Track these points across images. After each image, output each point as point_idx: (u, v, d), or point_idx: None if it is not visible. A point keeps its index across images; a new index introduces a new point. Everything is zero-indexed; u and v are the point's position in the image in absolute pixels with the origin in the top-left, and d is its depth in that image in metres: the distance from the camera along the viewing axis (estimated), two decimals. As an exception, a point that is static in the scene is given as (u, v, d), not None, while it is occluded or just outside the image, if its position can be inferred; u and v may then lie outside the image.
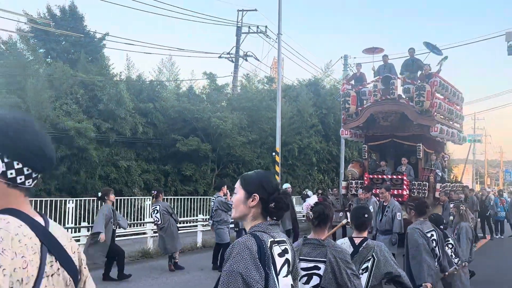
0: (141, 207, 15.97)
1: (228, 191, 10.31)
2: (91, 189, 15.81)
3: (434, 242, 4.99)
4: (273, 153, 17.39)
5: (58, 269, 1.38)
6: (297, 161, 24.11)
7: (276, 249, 2.07)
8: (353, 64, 20.91)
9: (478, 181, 57.57)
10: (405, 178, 13.40)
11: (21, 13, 18.47)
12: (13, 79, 15.50)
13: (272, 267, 2.01)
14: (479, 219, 16.90)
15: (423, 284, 4.51)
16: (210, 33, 77.13)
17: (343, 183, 15.12)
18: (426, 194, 13.28)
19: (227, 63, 28.21)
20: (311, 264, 2.98)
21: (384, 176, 13.67)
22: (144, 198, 15.60)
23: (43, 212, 6.42)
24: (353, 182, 14.26)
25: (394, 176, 13.62)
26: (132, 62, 25.59)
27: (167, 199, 16.98)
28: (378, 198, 10.67)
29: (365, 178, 13.84)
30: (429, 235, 4.95)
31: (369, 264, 3.52)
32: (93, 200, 14.38)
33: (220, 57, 24.12)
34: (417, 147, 13.93)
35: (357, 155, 24.52)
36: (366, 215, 3.75)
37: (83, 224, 11.13)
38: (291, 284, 2.14)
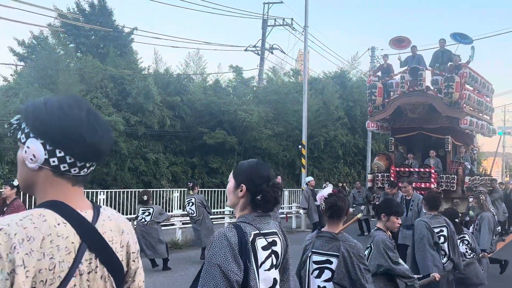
0: (169, 198, 16.26)
1: None
2: (121, 181, 16.19)
3: (442, 238, 4.99)
4: (299, 146, 17.41)
5: (97, 266, 1.35)
6: (323, 154, 24.05)
7: (261, 242, 2.04)
8: (380, 56, 20.67)
9: (508, 174, 56.28)
10: (433, 171, 13.19)
11: (51, 8, 18.93)
12: (45, 73, 15.92)
13: (253, 259, 1.98)
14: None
15: (430, 275, 4.51)
16: (236, 26, 77.03)
17: (369, 176, 15.05)
18: (455, 187, 13.06)
19: (253, 56, 28.27)
20: (323, 258, 2.94)
21: (411, 169, 13.50)
22: (172, 190, 15.85)
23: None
24: (379, 175, 14.13)
25: (422, 169, 13.42)
26: (159, 56, 25.85)
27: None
28: None
29: (392, 171, 13.67)
30: (437, 230, 4.96)
31: (366, 252, 3.69)
32: (123, 192, 14.74)
33: (246, 50, 24.20)
34: (446, 139, 13.69)
35: (384, 148, 24.29)
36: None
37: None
38: (275, 278, 2.09)
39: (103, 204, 7.95)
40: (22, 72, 18.59)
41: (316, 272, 2.95)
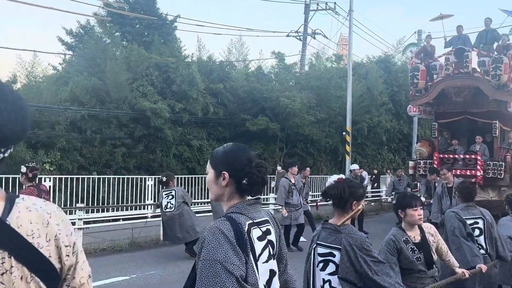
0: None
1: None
2: (166, 167, 16.52)
3: (478, 230, 4.65)
4: (343, 133, 17.18)
5: (12, 266, 1.18)
6: (367, 140, 23.68)
7: (256, 232, 1.89)
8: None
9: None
10: (479, 158, 12.62)
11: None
12: (93, 62, 16.36)
13: (250, 253, 1.84)
14: None
15: (477, 266, 4.26)
16: (278, 12, 76.37)
17: (411, 163, 14.48)
18: (502, 175, 12.49)
19: (295, 42, 27.91)
20: (327, 250, 2.82)
21: (456, 156, 13.00)
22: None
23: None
24: (421, 162, 13.61)
25: (467, 156, 12.89)
26: (202, 43, 26.07)
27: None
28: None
29: (435, 157, 13.17)
30: (470, 222, 4.64)
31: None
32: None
33: (288, 35, 23.97)
34: (493, 124, 13.08)
35: (430, 133, 23.65)
36: None
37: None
38: (271, 269, 1.95)
39: (151, 191, 8.15)
40: (70, 61, 19.18)
41: (321, 264, 2.85)
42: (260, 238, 1.90)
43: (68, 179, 12.69)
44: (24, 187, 6.42)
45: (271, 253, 1.95)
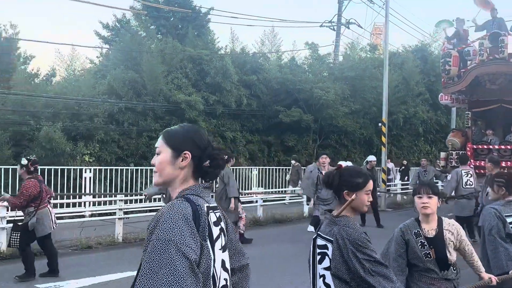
0: (247, 176, 16.61)
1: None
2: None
3: None
4: (379, 124, 16.91)
5: None
6: (402, 132, 23.28)
7: (212, 216, 1.77)
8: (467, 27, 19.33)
9: None
10: None
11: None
12: (129, 55, 16.65)
13: (208, 237, 1.70)
14: None
15: (510, 272, 3.75)
16: (312, 2, 75.25)
17: (442, 154, 13.86)
18: None
19: (328, 32, 27.61)
20: (323, 242, 2.59)
21: (490, 146, 12.48)
22: (250, 168, 16.15)
23: None
24: (453, 153, 13.03)
25: (502, 146, 12.35)
26: (236, 35, 26.10)
27: (270, 169, 17.46)
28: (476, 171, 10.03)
29: (468, 148, 12.66)
30: (511, 220, 4.08)
31: None
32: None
33: (321, 26, 23.72)
34: None
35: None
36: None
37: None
38: (223, 260, 1.80)
39: None
40: (107, 55, 19.58)
41: (319, 257, 2.61)
42: (215, 224, 1.78)
43: (108, 171, 13.04)
44: (24, 180, 6.39)
45: (224, 242, 1.83)
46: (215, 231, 1.76)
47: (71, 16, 47.44)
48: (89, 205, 10.96)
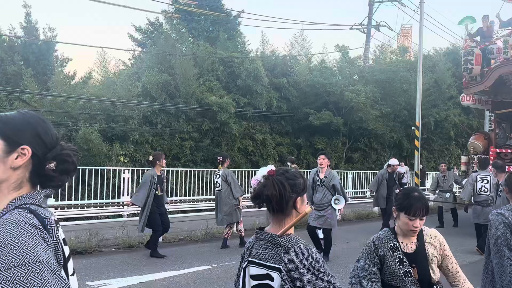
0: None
1: None
2: (231, 160, 16.84)
3: None
4: (412, 128, 16.76)
5: None
6: (433, 135, 22.99)
7: (61, 233, 1.38)
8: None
9: None
10: None
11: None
12: (163, 58, 16.94)
13: (62, 257, 1.34)
14: None
15: None
16: (342, 4, 74.77)
17: (463, 158, 13.12)
18: None
19: (358, 35, 27.42)
20: (263, 271, 1.96)
21: None
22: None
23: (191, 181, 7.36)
24: (475, 157, 12.34)
25: None
26: (266, 38, 26.22)
27: (301, 171, 17.48)
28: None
29: (491, 152, 11.89)
30: None
31: None
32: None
33: (351, 28, 23.65)
34: None
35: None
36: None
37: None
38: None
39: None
40: (141, 57, 19.95)
41: None
42: (65, 242, 1.40)
43: (140, 171, 13.29)
44: None
45: (73, 264, 1.46)
46: (66, 250, 1.40)
47: (106, 19, 48.47)
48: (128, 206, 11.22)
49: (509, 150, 11.84)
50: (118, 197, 11.54)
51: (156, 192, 7.58)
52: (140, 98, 15.50)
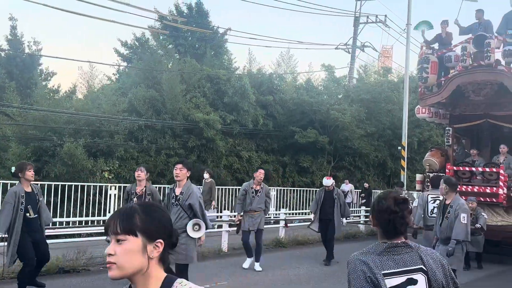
0: (262, 196, 16.59)
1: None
2: (217, 177, 16.72)
3: None
4: (399, 148, 16.93)
5: None
6: (416, 155, 23.21)
7: None
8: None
9: None
10: (501, 171, 10.12)
11: (152, 10, 19.96)
12: (150, 73, 16.85)
13: None
14: None
15: None
16: (327, 25, 75.69)
17: (418, 177, 12.12)
18: None
19: (343, 54, 27.80)
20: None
21: (473, 169, 10.67)
22: (269, 189, 16.08)
23: None
24: (431, 175, 11.02)
25: (487, 169, 10.44)
26: (253, 55, 26.40)
27: (283, 190, 17.44)
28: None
29: (447, 170, 10.76)
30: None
31: None
32: (219, 189, 15.24)
33: (336, 48, 23.95)
34: None
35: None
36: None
37: (224, 212, 11.84)
38: None
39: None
40: (126, 72, 19.82)
41: None
42: None
43: (124, 188, 13.06)
44: None
45: None
46: None
47: (91, 34, 48.21)
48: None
49: (466, 168, 10.71)
50: (104, 215, 11.30)
51: (27, 214, 5.93)
52: (125, 113, 15.34)
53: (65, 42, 44.51)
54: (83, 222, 10.60)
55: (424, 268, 2.12)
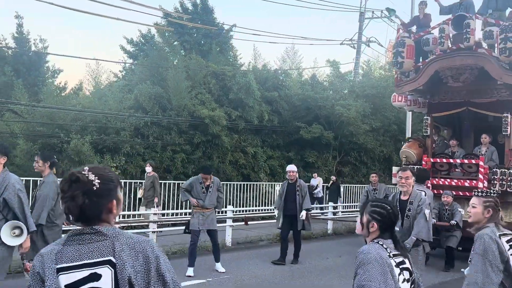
0: (267, 191, 16.71)
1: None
2: (223, 173, 16.86)
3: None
4: (403, 143, 16.89)
5: None
6: (422, 150, 23.27)
7: None
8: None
9: None
10: (481, 163, 9.51)
11: (157, 8, 20.07)
12: (155, 70, 16.97)
13: None
14: None
15: None
16: (333, 20, 75.18)
17: (394, 169, 11.07)
18: None
19: (348, 50, 27.76)
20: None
21: (451, 160, 10.03)
22: (273, 184, 16.25)
23: None
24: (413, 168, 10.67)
25: (466, 161, 9.80)
26: (258, 51, 26.45)
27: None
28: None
29: (424, 162, 10.15)
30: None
31: None
32: (227, 185, 15.38)
33: (341, 43, 23.95)
34: (504, 119, 9.58)
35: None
36: None
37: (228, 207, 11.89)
38: None
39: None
40: (133, 69, 19.96)
41: None
42: None
43: (132, 184, 13.22)
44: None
45: None
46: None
47: (97, 31, 48.46)
48: (120, 218, 11.15)
49: (444, 160, 9.99)
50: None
51: None
52: (132, 110, 15.48)
53: (71, 39, 44.80)
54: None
55: (113, 260, 1.74)
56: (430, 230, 5.55)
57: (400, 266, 2.52)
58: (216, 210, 8.15)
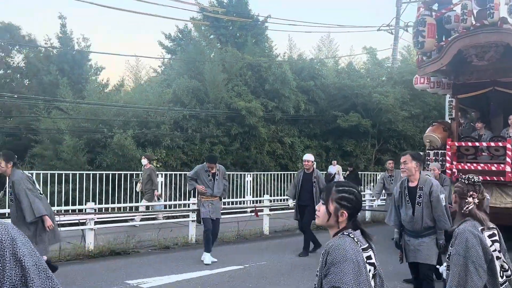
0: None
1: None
2: (260, 163, 17.10)
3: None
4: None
5: None
6: (464, 136, 22.69)
7: None
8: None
9: None
10: (509, 145, 8.83)
11: (193, 3, 20.39)
12: (192, 65, 17.34)
13: None
14: None
15: None
16: (369, 6, 73.66)
17: None
18: None
19: (386, 36, 27.21)
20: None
21: (477, 144, 9.40)
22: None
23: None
24: (431, 153, 9.97)
25: (493, 144, 9.13)
26: (293, 42, 26.40)
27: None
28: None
29: (448, 146, 9.56)
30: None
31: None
32: (265, 175, 15.59)
33: (378, 29, 23.54)
34: None
35: None
36: None
37: (265, 196, 12.12)
38: None
39: (250, 186, 8.50)
40: (171, 64, 20.43)
41: None
42: None
43: (172, 175, 13.65)
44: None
45: None
46: None
47: (136, 28, 49.66)
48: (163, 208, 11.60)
49: (469, 144, 9.39)
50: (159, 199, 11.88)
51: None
52: (171, 104, 15.91)
53: (111, 37, 46.08)
54: (133, 208, 11.23)
55: None
56: (449, 217, 5.21)
57: (368, 261, 2.28)
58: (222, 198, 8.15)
